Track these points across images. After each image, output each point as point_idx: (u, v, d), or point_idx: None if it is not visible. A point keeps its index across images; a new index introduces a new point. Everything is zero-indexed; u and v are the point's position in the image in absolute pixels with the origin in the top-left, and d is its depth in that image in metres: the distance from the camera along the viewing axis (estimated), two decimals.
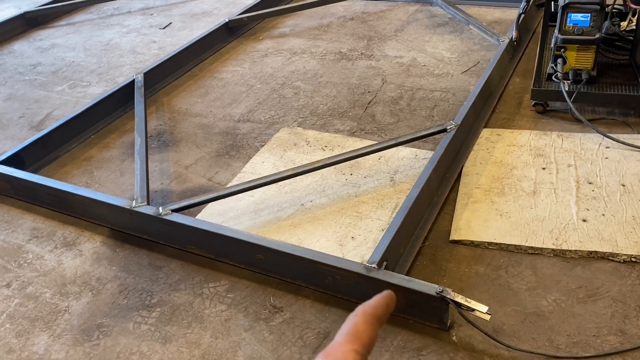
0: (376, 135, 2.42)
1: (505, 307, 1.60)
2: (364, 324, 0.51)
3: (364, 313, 0.52)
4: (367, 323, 0.51)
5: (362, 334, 0.50)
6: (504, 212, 1.90)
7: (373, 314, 0.52)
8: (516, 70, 2.81)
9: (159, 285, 1.79)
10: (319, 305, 1.67)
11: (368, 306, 0.53)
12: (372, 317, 0.52)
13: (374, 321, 0.51)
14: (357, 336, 0.49)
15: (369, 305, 0.53)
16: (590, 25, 2.28)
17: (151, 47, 3.50)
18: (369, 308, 0.53)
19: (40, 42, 3.71)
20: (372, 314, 0.52)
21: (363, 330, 0.50)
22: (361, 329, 0.50)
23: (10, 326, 1.70)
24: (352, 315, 0.52)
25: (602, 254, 1.72)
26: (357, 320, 0.51)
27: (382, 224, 1.90)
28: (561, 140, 2.23)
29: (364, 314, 0.52)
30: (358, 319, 0.51)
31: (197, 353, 1.57)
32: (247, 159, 2.34)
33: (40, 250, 1.98)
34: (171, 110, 2.77)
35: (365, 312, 0.52)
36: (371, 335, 0.50)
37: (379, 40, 3.28)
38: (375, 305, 0.53)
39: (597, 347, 1.48)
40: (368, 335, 0.50)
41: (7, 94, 3.07)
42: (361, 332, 0.50)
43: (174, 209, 1.90)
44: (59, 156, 2.49)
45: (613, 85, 2.37)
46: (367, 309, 0.52)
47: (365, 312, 0.52)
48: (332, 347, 0.48)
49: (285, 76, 2.98)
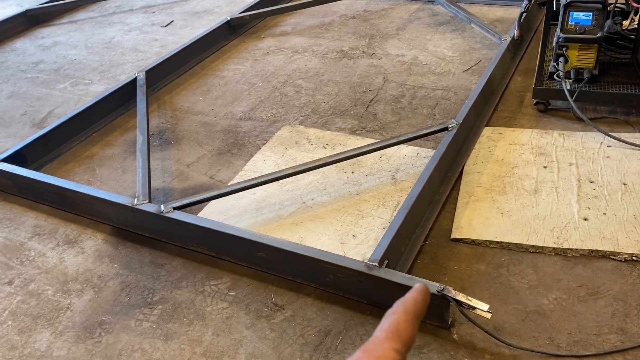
0: (377, 134, 2.43)
1: (506, 305, 1.60)
2: (405, 322, 0.49)
3: (405, 311, 0.50)
4: (408, 322, 0.49)
5: (403, 332, 0.48)
6: (505, 210, 1.90)
7: (414, 312, 0.50)
8: (518, 69, 2.80)
9: (160, 283, 1.79)
10: (320, 303, 1.67)
11: (408, 304, 0.51)
12: (412, 315, 0.50)
13: (415, 320, 0.50)
14: (398, 334, 0.48)
15: (408, 303, 0.51)
16: (592, 24, 2.28)
17: (153, 45, 3.50)
18: (410, 306, 0.50)
19: (42, 39, 3.71)
20: (412, 312, 0.50)
21: (404, 328, 0.48)
22: (402, 327, 0.49)
23: (13, 323, 1.71)
24: (392, 312, 0.50)
25: (603, 253, 1.72)
26: (398, 318, 0.49)
27: (383, 222, 1.90)
28: (563, 139, 2.23)
29: (405, 313, 0.50)
30: (399, 316, 0.49)
31: (198, 350, 1.57)
32: (248, 157, 2.35)
33: (42, 248, 1.99)
34: (173, 108, 2.78)
35: (407, 310, 0.50)
36: (411, 333, 0.49)
37: (380, 38, 3.28)
38: (415, 303, 0.51)
39: (598, 345, 1.48)
40: (408, 334, 0.48)
41: (9, 92, 3.08)
42: (402, 330, 0.48)
43: (175, 207, 1.91)
44: (61, 154, 2.49)
45: (615, 84, 2.37)
46: (408, 306, 0.50)
47: (406, 310, 0.50)
48: (372, 344, 0.47)
49: (286, 74, 2.98)
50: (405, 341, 0.48)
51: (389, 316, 0.50)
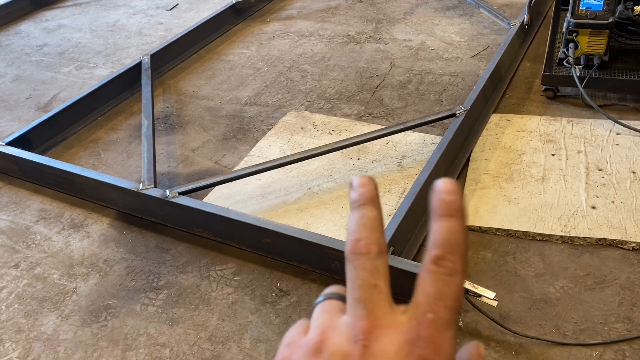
0: (384, 120, 2.41)
1: (512, 293, 1.60)
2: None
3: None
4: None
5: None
6: (512, 198, 1.89)
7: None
8: (527, 55, 2.77)
9: (166, 268, 1.80)
10: (325, 289, 1.67)
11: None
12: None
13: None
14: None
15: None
16: (604, 9, 2.24)
17: (158, 29, 3.47)
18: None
19: (46, 22, 3.69)
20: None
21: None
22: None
23: (19, 306, 1.72)
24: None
25: (610, 241, 1.71)
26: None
27: (389, 209, 1.89)
28: (571, 126, 2.21)
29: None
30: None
31: (204, 335, 1.57)
32: (254, 143, 2.33)
33: (48, 232, 1.99)
34: (178, 93, 2.76)
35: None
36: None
37: (387, 23, 3.24)
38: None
39: (604, 334, 1.47)
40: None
41: (14, 75, 3.07)
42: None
43: (181, 192, 1.90)
44: (66, 138, 2.49)
45: (625, 71, 2.33)
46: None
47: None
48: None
49: (292, 59, 2.96)
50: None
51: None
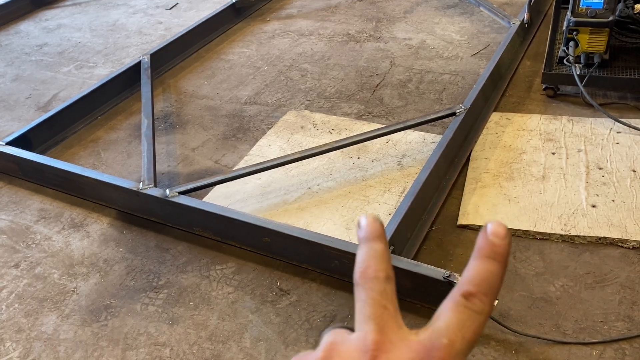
0: (384, 119, 2.40)
1: (512, 292, 1.60)
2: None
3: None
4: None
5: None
6: (512, 197, 1.88)
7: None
8: (527, 54, 2.76)
9: (166, 267, 1.80)
10: (325, 288, 1.67)
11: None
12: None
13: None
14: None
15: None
16: (604, 7, 2.24)
17: (157, 28, 3.47)
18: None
19: (46, 22, 3.69)
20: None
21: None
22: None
23: (20, 306, 1.72)
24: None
25: (611, 240, 1.71)
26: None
27: (389, 208, 1.89)
28: (571, 124, 2.20)
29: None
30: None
31: (204, 334, 1.57)
32: (253, 142, 2.33)
33: (48, 232, 1.99)
34: (178, 92, 2.76)
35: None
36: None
37: (387, 22, 3.24)
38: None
39: (605, 333, 1.47)
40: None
41: (14, 75, 3.07)
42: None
43: (181, 191, 1.90)
44: (66, 137, 2.48)
45: (626, 69, 2.33)
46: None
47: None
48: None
49: (292, 58, 2.95)
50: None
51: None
